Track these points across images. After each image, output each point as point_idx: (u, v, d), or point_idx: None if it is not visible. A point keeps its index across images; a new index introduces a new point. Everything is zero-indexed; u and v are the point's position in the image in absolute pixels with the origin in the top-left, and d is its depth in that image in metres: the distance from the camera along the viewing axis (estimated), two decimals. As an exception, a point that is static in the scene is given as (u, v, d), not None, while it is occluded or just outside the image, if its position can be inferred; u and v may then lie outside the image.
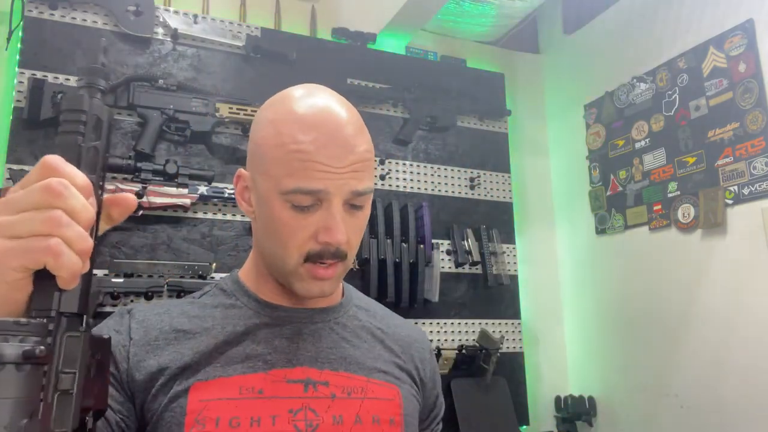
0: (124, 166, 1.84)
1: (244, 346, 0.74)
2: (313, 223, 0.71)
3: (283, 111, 0.73)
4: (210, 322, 0.76)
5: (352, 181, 0.70)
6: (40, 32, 1.87)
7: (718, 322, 1.97)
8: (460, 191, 2.45)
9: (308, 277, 0.73)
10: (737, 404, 1.89)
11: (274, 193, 0.71)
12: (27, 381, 0.40)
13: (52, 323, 0.43)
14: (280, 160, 0.71)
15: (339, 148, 0.70)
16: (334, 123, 0.71)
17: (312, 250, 0.71)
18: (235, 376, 0.71)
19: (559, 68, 2.79)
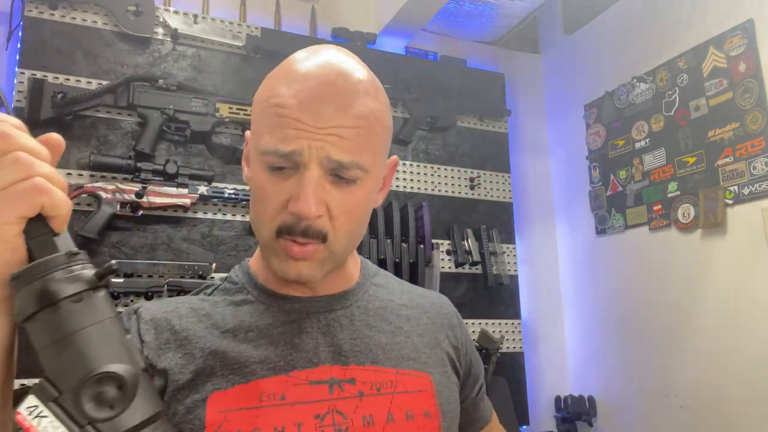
0: (124, 166, 1.85)
1: (261, 348, 0.67)
2: (285, 190, 0.62)
3: (280, 67, 0.66)
4: (221, 321, 0.69)
5: (329, 147, 0.60)
6: (40, 32, 1.87)
7: (718, 322, 1.97)
8: (460, 191, 2.45)
9: (282, 254, 0.64)
10: (737, 404, 1.89)
11: (255, 152, 0.65)
12: (110, 300, 0.42)
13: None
14: (261, 116, 0.64)
15: (325, 104, 0.61)
16: (325, 76, 0.62)
17: (284, 223, 0.63)
18: (255, 381, 0.64)
19: (559, 68, 2.79)
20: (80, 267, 0.41)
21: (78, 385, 0.37)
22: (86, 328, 0.39)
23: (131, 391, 0.38)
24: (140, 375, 0.40)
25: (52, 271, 0.40)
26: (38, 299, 0.39)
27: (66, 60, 1.89)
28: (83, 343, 0.38)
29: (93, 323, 0.39)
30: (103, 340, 0.39)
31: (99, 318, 0.40)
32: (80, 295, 0.39)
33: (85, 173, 1.85)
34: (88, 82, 1.91)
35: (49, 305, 0.39)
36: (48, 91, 1.80)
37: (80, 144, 1.86)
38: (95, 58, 1.94)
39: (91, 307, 0.40)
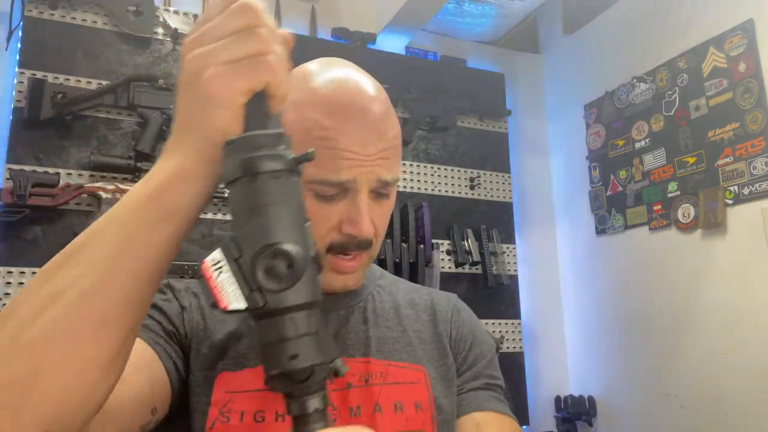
0: (124, 166, 1.85)
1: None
2: (336, 213, 0.66)
3: (306, 91, 0.68)
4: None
5: (379, 169, 0.66)
6: (40, 32, 1.87)
7: (718, 322, 1.97)
8: (460, 191, 2.45)
9: (330, 270, 0.68)
10: (737, 404, 1.89)
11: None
12: (301, 187, 0.45)
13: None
14: (304, 147, 0.68)
15: (367, 132, 0.65)
16: (360, 104, 0.66)
17: (335, 241, 0.66)
18: (260, 365, 0.68)
19: (559, 68, 2.79)
20: (283, 149, 0.44)
21: (257, 252, 0.40)
22: (276, 204, 0.42)
23: (299, 272, 0.40)
24: (309, 262, 0.42)
25: (261, 146, 0.43)
26: (243, 167, 0.42)
27: (66, 60, 1.89)
28: (270, 217, 0.41)
29: (282, 202, 0.42)
30: (287, 220, 0.42)
31: (289, 199, 0.43)
32: (279, 173, 0.42)
33: (85, 173, 1.85)
34: (88, 82, 1.91)
35: (250, 174, 0.42)
36: (48, 91, 1.80)
37: (80, 144, 1.86)
38: (95, 58, 1.94)
39: (284, 186, 0.43)
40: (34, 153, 1.81)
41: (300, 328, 0.41)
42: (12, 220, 1.72)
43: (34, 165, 1.80)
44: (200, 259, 0.42)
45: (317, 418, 0.42)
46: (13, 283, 1.73)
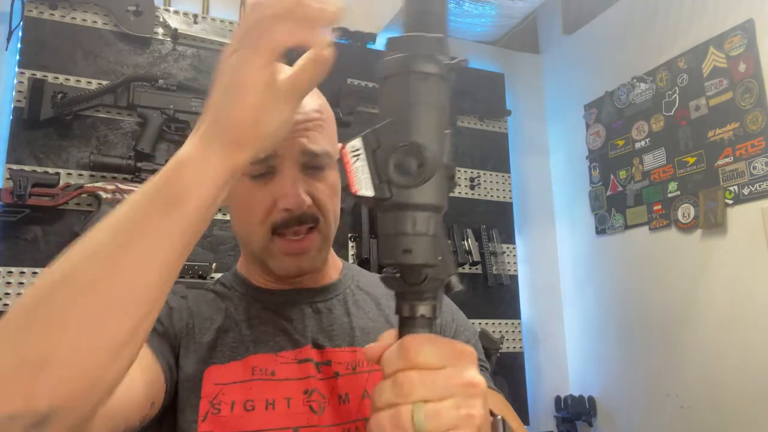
0: (124, 166, 1.85)
1: (252, 330, 0.72)
2: (270, 193, 0.68)
3: None
4: (217, 310, 0.75)
5: (301, 141, 0.68)
6: (40, 32, 1.87)
7: (718, 322, 1.97)
8: (460, 191, 2.45)
9: (281, 253, 0.70)
10: (737, 404, 1.89)
11: None
12: (449, 95, 0.45)
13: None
14: None
15: None
16: None
17: (276, 221, 0.69)
18: (248, 356, 0.70)
19: (559, 68, 2.79)
20: (440, 54, 0.45)
21: (392, 146, 0.42)
22: (421, 105, 0.43)
23: (428, 173, 0.41)
24: (441, 167, 0.43)
25: (420, 47, 0.44)
26: (399, 64, 0.44)
27: (66, 60, 1.89)
28: (413, 116, 0.42)
29: (428, 104, 0.43)
30: (428, 122, 0.43)
31: (435, 103, 0.43)
32: (431, 76, 0.43)
33: (85, 173, 1.85)
34: (88, 82, 1.91)
35: (404, 73, 0.43)
36: (48, 91, 1.80)
37: (80, 144, 1.86)
38: (95, 58, 1.94)
39: (434, 90, 0.43)
40: (34, 153, 1.81)
41: (418, 226, 0.42)
42: (12, 220, 1.72)
43: (34, 165, 1.80)
44: (341, 149, 0.43)
45: (423, 324, 0.43)
46: (13, 283, 1.73)
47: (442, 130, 0.44)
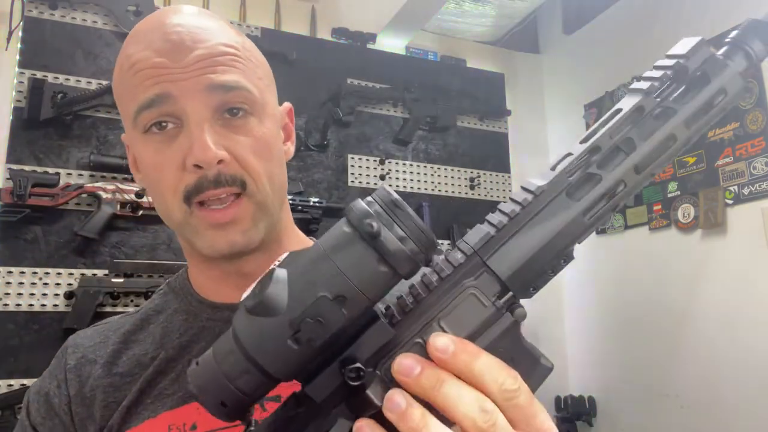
0: (124, 166, 1.85)
1: (177, 372, 0.60)
2: (177, 150, 0.54)
3: (126, 40, 0.59)
4: (147, 346, 0.63)
5: (206, 77, 0.54)
6: (40, 32, 1.87)
7: (718, 321, 1.97)
8: (460, 191, 2.45)
9: (204, 227, 0.56)
10: (737, 404, 1.89)
11: (131, 132, 0.57)
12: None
13: None
14: (122, 89, 0.57)
15: (177, 45, 0.54)
16: (170, 23, 0.56)
17: (188, 185, 0.54)
18: (163, 413, 0.59)
19: (559, 68, 2.79)
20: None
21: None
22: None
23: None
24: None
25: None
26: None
27: (66, 60, 1.89)
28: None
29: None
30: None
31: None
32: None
33: (85, 173, 1.85)
34: (88, 82, 1.90)
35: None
36: (48, 91, 1.80)
37: (80, 144, 1.86)
38: (95, 58, 1.94)
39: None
40: (34, 153, 1.81)
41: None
42: (12, 220, 1.72)
43: (34, 165, 1.80)
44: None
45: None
46: (13, 283, 1.73)
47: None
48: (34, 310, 1.74)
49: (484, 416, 0.34)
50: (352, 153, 2.28)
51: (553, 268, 0.42)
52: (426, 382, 0.35)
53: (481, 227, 0.41)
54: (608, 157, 0.40)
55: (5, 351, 1.69)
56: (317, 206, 2.04)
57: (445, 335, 0.37)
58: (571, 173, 0.40)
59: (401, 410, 0.35)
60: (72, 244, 1.80)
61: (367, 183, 2.27)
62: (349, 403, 0.38)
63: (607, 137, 0.40)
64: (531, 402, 0.37)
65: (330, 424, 0.37)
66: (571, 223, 0.40)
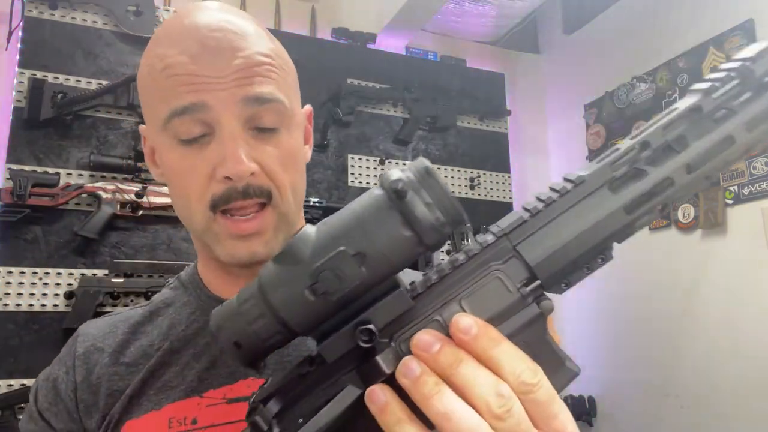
0: (124, 166, 1.85)
1: (181, 364, 0.61)
2: (208, 159, 0.54)
3: (155, 35, 0.59)
4: (154, 337, 0.64)
5: (242, 89, 0.54)
6: (40, 32, 1.87)
7: (718, 322, 1.97)
8: (460, 191, 2.45)
9: (226, 236, 0.56)
10: (737, 404, 1.89)
11: (159, 133, 0.56)
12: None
13: None
14: (152, 89, 0.56)
15: (214, 52, 0.54)
16: (206, 26, 0.55)
17: (216, 194, 0.54)
18: (166, 405, 0.59)
19: (559, 68, 2.79)
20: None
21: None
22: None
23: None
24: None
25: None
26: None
27: (66, 60, 1.89)
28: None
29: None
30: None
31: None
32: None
33: (85, 173, 1.85)
34: (88, 82, 1.91)
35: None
36: (48, 91, 1.80)
37: (80, 144, 1.86)
38: (95, 58, 1.94)
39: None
40: (34, 153, 1.81)
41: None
42: (12, 220, 1.72)
43: (34, 165, 1.80)
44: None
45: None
46: (13, 283, 1.73)
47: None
48: (34, 310, 1.74)
49: (499, 400, 0.34)
50: (352, 153, 2.28)
51: (589, 265, 0.40)
52: (444, 359, 0.35)
53: (515, 212, 0.40)
54: (659, 155, 0.38)
55: (5, 351, 1.69)
56: (317, 206, 2.04)
57: (470, 316, 0.36)
58: (616, 167, 0.38)
59: (415, 376, 0.34)
60: (72, 244, 1.80)
61: (367, 183, 2.27)
62: (360, 369, 0.37)
63: (659, 134, 0.38)
64: (551, 400, 0.35)
65: (338, 389, 0.37)
66: (610, 217, 0.38)
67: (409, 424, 0.34)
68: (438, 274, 0.38)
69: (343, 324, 0.37)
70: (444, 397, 0.34)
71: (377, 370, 0.36)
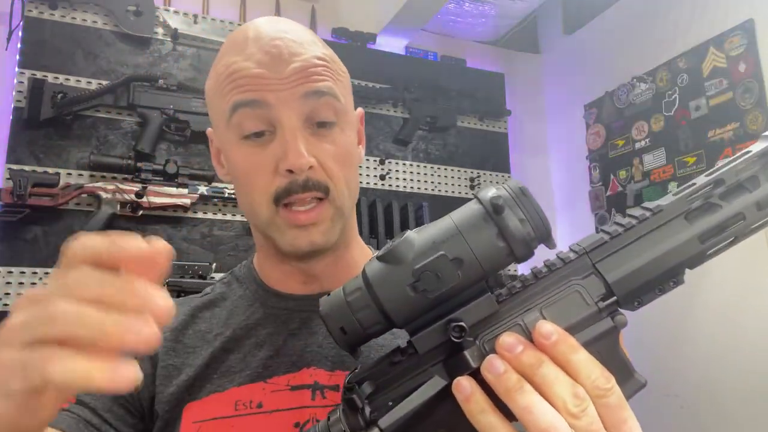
0: (124, 166, 1.85)
1: (244, 352, 0.64)
2: (271, 155, 0.60)
3: (222, 49, 0.66)
4: (212, 325, 0.67)
5: (301, 86, 0.59)
6: (40, 32, 1.87)
7: (718, 321, 1.97)
8: (460, 191, 2.45)
9: (287, 227, 0.60)
10: (737, 404, 1.89)
11: (225, 132, 0.62)
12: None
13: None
14: (218, 94, 0.62)
15: (275, 57, 0.60)
16: (268, 36, 0.61)
17: (279, 187, 0.60)
18: (231, 388, 0.61)
19: (559, 68, 2.79)
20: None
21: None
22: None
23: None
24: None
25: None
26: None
27: (66, 60, 1.89)
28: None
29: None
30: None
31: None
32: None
33: (85, 173, 1.85)
34: (88, 82, 1.91)
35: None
36: (48, 91, 1.80)
37: (80, 144, 1.86)
38: (95, 58, 1.94)
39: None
40: (34, 153, 1.81)
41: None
42: (12, 220, 1.72)
43: (34, 165, 1.80)
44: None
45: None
46: (13, 283, 1.73)
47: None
48: (34, 310, 1.73)
49: (576, 401, 0.37)
50: (352, 153, 2.28)
51: (662, 287, 0.43)
52: (527, 360, 0.38)
53: (595, 234, 0.44)
54: (731, 192, 0.42)
55: (5, 351, 1.68)
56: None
57: (551, 324, 0.39)
58: (692, 200, 0.42)
59: (499, 372, 0.38)
60: (72, 244, 1.80)
61: (367, 183, 2.27)
62: (446, 363, 0.42)
63: (733, 173, 0.42)
64: (622, 406, 0.39)
65: (425, 378, 0.42)
66: (685, 244, 0.42)
67: (491, 413, 0.38)
68: (522, 283, 0.42)
69: (435, 321, 0.42)
70: (526, 393, 0.37)
71: (464, 363, 0.40)
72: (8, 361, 0.33)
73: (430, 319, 0.42)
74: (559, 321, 0.40)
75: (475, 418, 0.38)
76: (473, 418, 0.38)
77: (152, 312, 0.33)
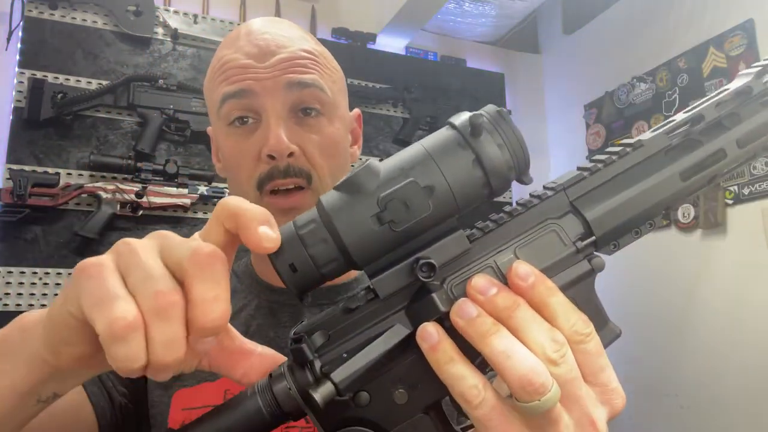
0: (124, 166, 1.85)
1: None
2: (255, 142, 0.62)
3: (217, 49, 0.69)
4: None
5: (285, 76, 0.61)
6: (40, 32, 1.87)
7: (718, 321, 1.97)
8: (460, 191, 2.45)
9: (272, 213, 0.63)
10: (737, 404, 1.89)
11: (216, 122, 0.65)
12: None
13: None
14: (212, 86, 0.65)
15: (262, 49, 0.62)
16: (258, 30, 0.64)
17: (262, 173, 0.61)
18: (222, 378, 0.60)
19: (559, 68, 2.79)
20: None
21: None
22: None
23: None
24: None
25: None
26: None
27: (66, 60, 1.89)
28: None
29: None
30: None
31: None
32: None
33: (85, 173, 1.85)
34: (88, 82, 1.91)
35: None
36: (48, 91, 1.80)
37: (80, 144, 1.86)
38: (95, 58, 1.94)
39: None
40: (34, 153, 1.81)
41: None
42: (12, 220, 1.72)
43: (34, 165, 1.80)
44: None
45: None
46: (13, 283, 1.73)
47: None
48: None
49: (555, 345, 0.34)
50: (352, 153, 2.28)
51: (639, 230, 0.40)
52: (501, 302, 0.35)
53: (573, 171, 0.40)
54: (711, 128, 0.40)
55: (5, 351, 1.68)
56: (317, 206, 2.05)
57: (528, 264, 0.36)
58: (673, 136, 0.40)
59: (472, 316, 0.34)
60: (72, 244, 1.80)
61: (367, 183, 2.27)
62: (409, 309, 0.37)
63: (713, 108, 0.40)
64: (600, 353, 0.36)
65: (387, 327, 0.37)
66: (666, 182, 0.39)
67: (461, 363, 0.34)
68: (495, 222, 0.39)
69: (400, 261, 0.36)
70: (503, 337, 0.34)
71: (431, 308, 0.35)
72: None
73: (394, 260, 0.36)
74: (535, 262, 0.37)
75: (442, 368, 0.34)
76: (440, 368, 0.34)
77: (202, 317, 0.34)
